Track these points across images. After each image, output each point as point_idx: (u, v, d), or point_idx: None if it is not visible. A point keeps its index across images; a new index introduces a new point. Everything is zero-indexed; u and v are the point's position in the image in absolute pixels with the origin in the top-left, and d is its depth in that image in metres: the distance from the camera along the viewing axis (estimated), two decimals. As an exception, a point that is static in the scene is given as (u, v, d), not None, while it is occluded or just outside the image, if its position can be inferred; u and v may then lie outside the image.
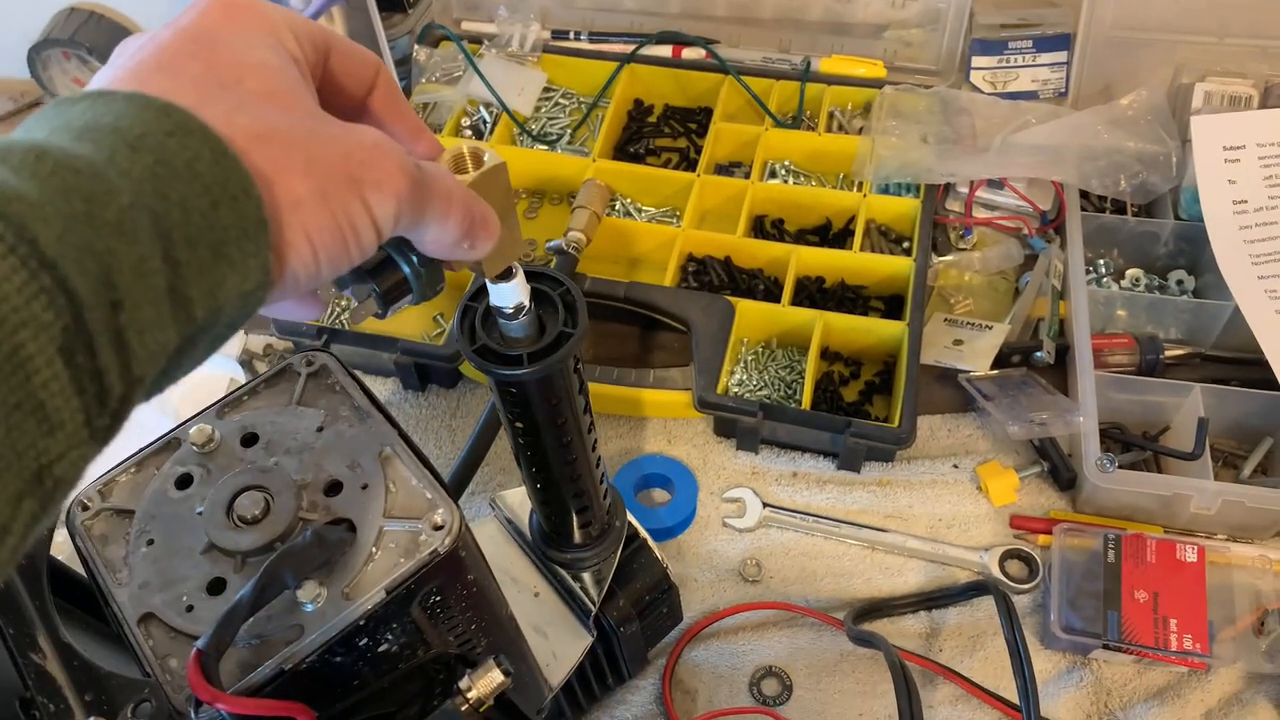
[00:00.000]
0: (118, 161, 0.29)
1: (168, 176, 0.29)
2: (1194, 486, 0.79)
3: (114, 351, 0.27)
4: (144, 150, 0.29)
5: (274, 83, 0.34)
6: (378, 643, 0.46)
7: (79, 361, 0.26)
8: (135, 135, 0.29)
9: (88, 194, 0.27)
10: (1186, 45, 1.01)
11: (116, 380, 0.28)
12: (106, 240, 0.27)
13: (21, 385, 0.25)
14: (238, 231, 0.30)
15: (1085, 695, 0.77)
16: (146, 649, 0.44)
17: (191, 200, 0.30)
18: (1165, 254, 0.99)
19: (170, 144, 0.30)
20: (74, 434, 0.27)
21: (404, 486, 0.47)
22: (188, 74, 0.32)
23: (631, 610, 0.70)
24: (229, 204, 0.30)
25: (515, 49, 1.14)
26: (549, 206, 1.08)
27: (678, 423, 0.93)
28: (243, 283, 0.31)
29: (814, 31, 1.14)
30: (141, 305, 0.28)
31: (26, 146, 0.28)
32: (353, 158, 0.34)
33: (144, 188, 0.29)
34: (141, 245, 0.28)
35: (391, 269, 0.41)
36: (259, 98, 0.33)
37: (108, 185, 0.28)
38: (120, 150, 0.29)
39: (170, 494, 0.48)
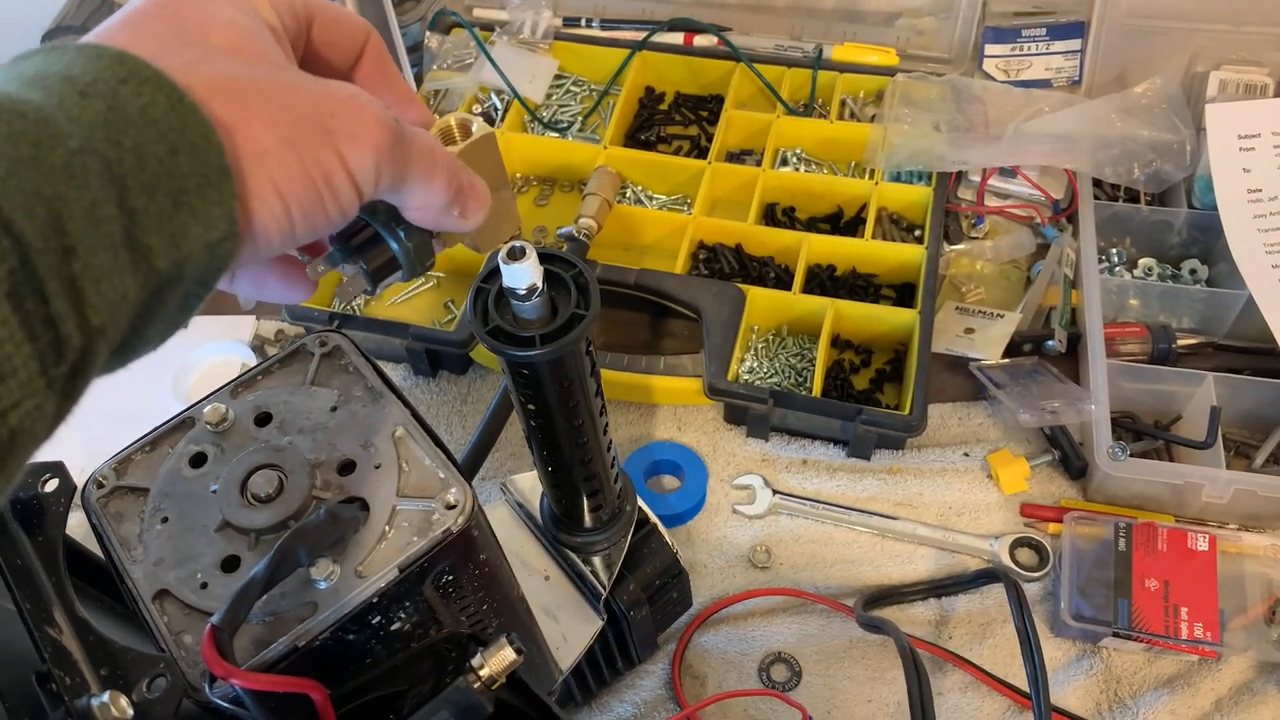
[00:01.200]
0: (67, 107, 0.28)
1: (120, 123, 0.29)
2: (1206, 475, 0.79)
3: (68, 299, 0.27)
4: (94, 96, 0.28)
5: (241, 39, 0.33)
6: (390, 621, 0.46)
7: (28, 307, 0.26)
8: (86, 82, 0.29)
9: (35, 138, 0.27)
10: (1202, 33, 1.01)
11: (74, 330, 0.27)
12: (55, 185, 0.27)
13: None
14: (198, 179, 0.30)
15: (1095, 683, 0.77)
16: (161, 625, 0.44)
17: (147, 147, 0.29)
18: (1178, 243, 0.99)
19: (123, 90, 0.29)
20: (27, 382, 0.26)
21: (417, 466, 0.47)
22: (151, 30, 0.32)
23: (641, 595, 0.70)
24: (188, 151, 0.29)
25: (527, 36, 1.14)
26: (560, 193, 1.08)
27: (688, 409, 0.93)
28: (207, 232, 0.30)
29: (826, 19, 1.13)
30: (96, 251, 0.27)
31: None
32: (323, 108, 0.33)
33: (95, 133, 0.28)
34: (92, 190, 0.27)
35: (379, 244, 0.40)
36: (224, 52, 0.32)
37: (55, 130, 0.27)
38: (70, 96, 0.28)
39: (184, 472, 0.48)
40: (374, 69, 0.40)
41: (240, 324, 0.99)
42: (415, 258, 0.41)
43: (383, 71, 0.41)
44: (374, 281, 0.41)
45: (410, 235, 0.40)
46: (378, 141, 0.34)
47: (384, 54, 0.41)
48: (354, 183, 0.34)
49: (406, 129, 0.36)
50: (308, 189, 0.32)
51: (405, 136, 0.36)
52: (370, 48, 0.40)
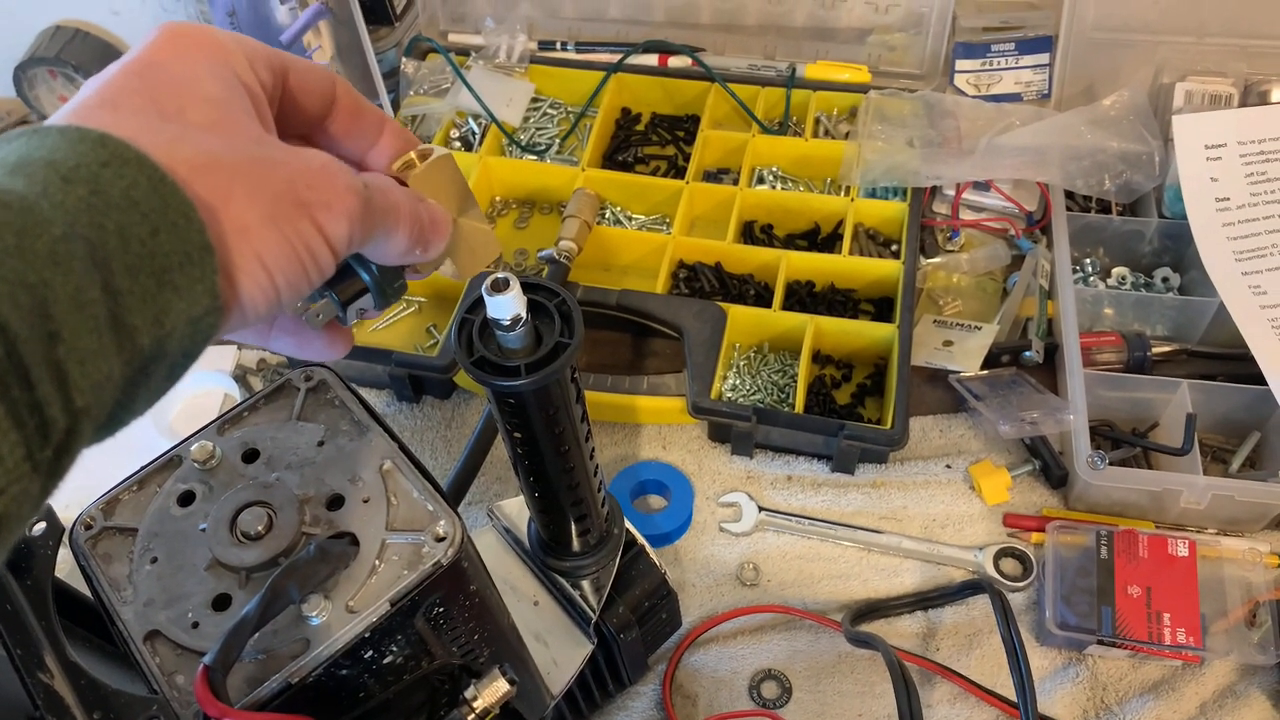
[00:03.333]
0: (50, 194, 0.28)
1: (103, 206, 0.29)
2: (1184, 482, 0.80)
3: (54, 383, 0.27)
4: (77, 181, 0.29)
5: (217, 113, 0.34)
6: (382, 654, 0.46)
7: (15, 395, 0.26)
8: (69, 167, 0.29)
9: (19, 227, 0.27)
10: (1167, 45, 1.03)
11: (59, 413, 0.27)
12: (40, 272, 0.27)
13: None
14: (181, 257, 0.30)
15: (1081, 691, 0.78)
16: (153, 666, 0.44)
17: (130, 229, 0.29)
18: (1150, 252, 1.00)
19: (105, 174, 0.30)
20: (14, 468, 0.26)
21: (405, 499, 0.48)
22: (129, 107, 0.32)
23: (631, 617, 0.70)
24: (169, 230, 0.30)
25: (502, 60, 1.15)
26: (539, 216, 1.09)
27: (672, 429, 0.93)
28: (190, 308, 0.31)
29: (798, 38, 1.15)
30: (80, 335, 0.28)
31: None
32: (299, 181, 0.34)
33: (78, 218, 0.29)
34: (77, 275, 0.28)
35: (350, 277, 0.42)
36: (201, 129, 0.33)
37: (39, 217, 0.28)
38: (53, 183, 0.29)
39: (173, 511, 0.48)
40: (348, 108, 0.42)
41: (222, 354, 0.99)
42: (386, 290, 0.42)
43: (356, 108, 0.42)
44: (345, 310, 0.42)
45: (382, 270, 0.42)
46: (350, 209, 0.35)
47: (353, 93, 0.42)
48: (330, 247, 0.35)
49: (373, 188, 0.37)
50: (290, 258, 0.34)
51: (373, 198, 0.37)
52: (340, 90, 0.42)
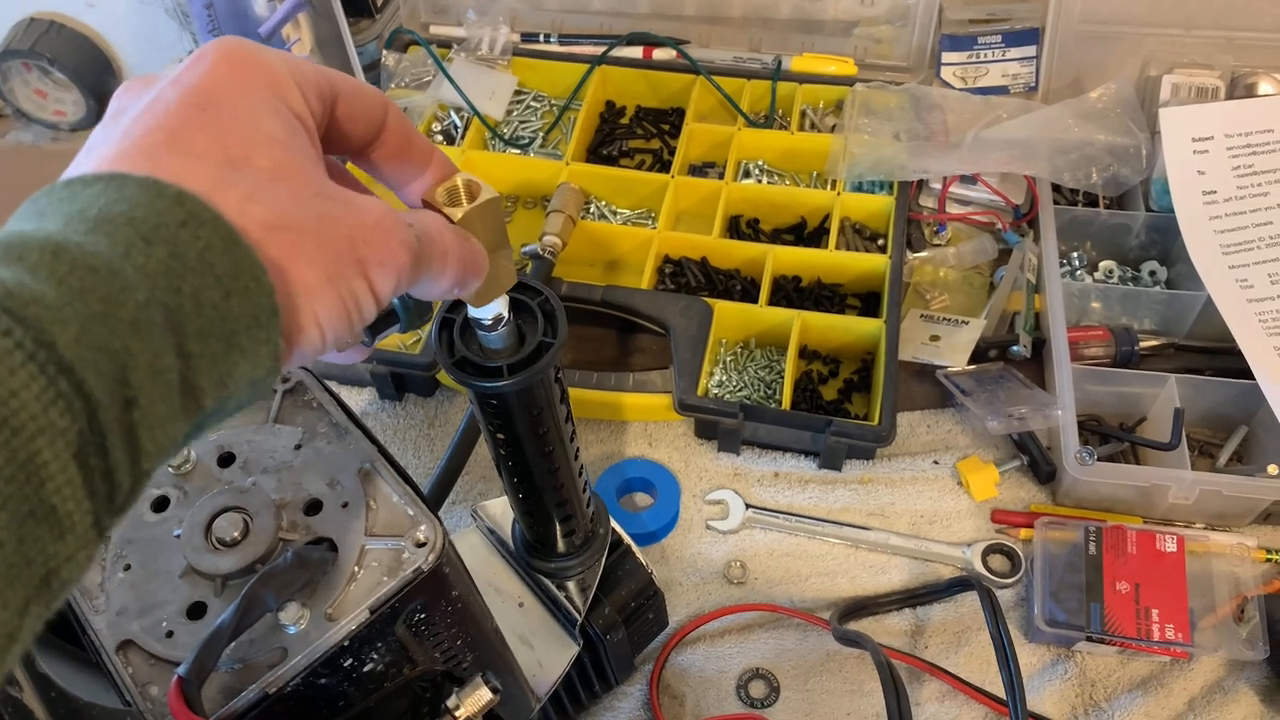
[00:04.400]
0: (133, 257, 0.28)
1: (180, 270, 0.29)
2: (1172, 476, 0.80)
3: (125, 450, 0.28)
4: (158, 243, 0.29)
5: (282, 158, 0.33)
6: (362, 663, 0.46)
7: (92, 464, 0.26)
8: (149, 227, 0.29)
9: (105, 294, 0.27)
10: (1153, 38, 1.02)
11: (125, 476, 0.28)
12: (123, 339, 0.27)
13: (35, 492, 0.25)
14: (249, 320, 0.30)
15: (1070, 687, 0.77)
16: (126, 677, 0.43)
17: (204, 292, 0.29)
18: (1137, 245, 1.00)
19: (183, 235, 0.29)
20: (83, 535, 0.27)
21: (385, 503, 0.47)
22: (197, 151, 0.32)
23: (617, 617, 0.69)
24: (240, 294, 0.30)
25: (485, 52, 1.13)
26: (523, 211, 1.08)
27: (658, 426, 0.92)
28: (253, 370, 0.31)
29: (784, 30, 1.14)
30: (155, 402, 0.28)
31: (42, 242, 0.27)
32: (357, 238, 0.34)
33: (158, 282, 0.29)
34: (156, 342, 0.28)
35: None
36: (269, 178, 0.33)
37: (123, 283, 0.28)
38: (135, 244, 0.29)
39: (146, 517, 0.47)
40: (397, 138, 0.41)
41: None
42: (415, 312, 0.42)
43: (406, 139, 0.41)
44: (373, 335, 0.42)
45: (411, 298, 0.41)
46: (401, 265, 0.35)
47: (404, 122, 0.41)
48: (376, 300, 0.35)
49: (424, 239, 0.37)
50: (341, 316, 0.34)
51: (423, 250, 0.37)
52: (391, 117, 0.40)
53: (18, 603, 0.25)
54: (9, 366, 0.25)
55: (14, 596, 0.25)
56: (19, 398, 0.25)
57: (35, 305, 0.26)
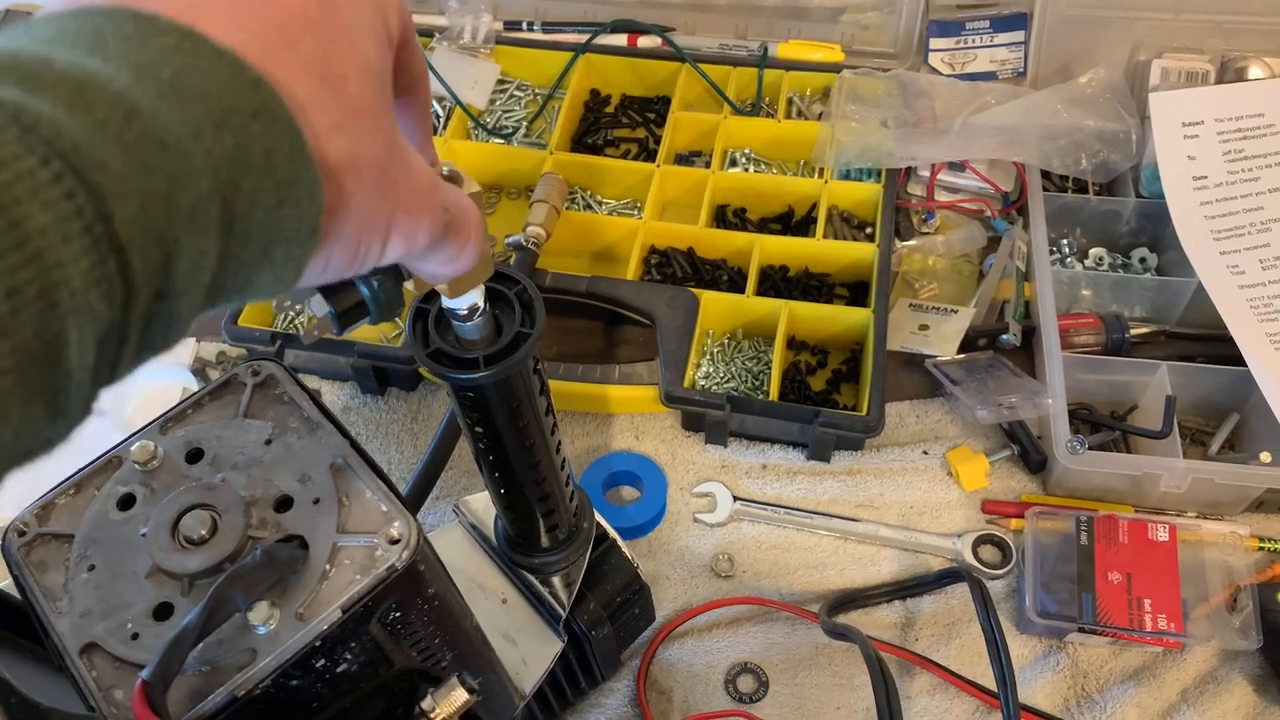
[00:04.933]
0: (203, 140, 0.26)
1: (245, 165, 0.27)
2: (1163, 465, 0.79)
3: (138, 342, 0.26)
4: (228, 130, 0.27)
5: (372, 91, 0.32)
6: (336, 663, 0.44)
7: (108, 352, 0.25)
8: (222, 110, 0.27)
9: (170, 174, 0.25)
10: (1143, 22, 1.01)
11: (126, 367, 0.26)
12: (177, 229, 0.25)
13: (48, 372, 0.23)
14: (291, 234, 0.29)
15: (1062, 679, 0.77)
16: (90, 681, 0.41)
17: (260, 195, 0.27)
18: (1128, 232, 0.99)
19: (254, 127, 0.27)
20: (73, 420, 0.25)
21: (358, 499, 0.45)
22: (302, 52, 0.29)
23: (603, 613, 0.68)
24: (293, 205, 0.28)
25: (467, 41, 1.12)
26: (507, 201, 1.06)
27: (645, 418, 0.91)
28: (274, 285, 0.29)
29: (770, 16, 1.12)
30: (182, 299, 0.26)
31: (115, 98, 0.25)
32: (399, 209, 0.33)
33: (221, 174, 0.26)
34: (206, 239, 0.26)
35: (350, 291, 0.39)
36: (355, 112, 0.31)
37: (189, 168, 0.25)
38: (206, 127, 0.26)
39: (112, 515, 0.46)
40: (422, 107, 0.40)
41: (179, 347, 0.96)
42: (385, 305, 0.40)
43: (424, 116, 0.40)
44: (342, 326, 0.40)
45: (383, 283, 0.39)
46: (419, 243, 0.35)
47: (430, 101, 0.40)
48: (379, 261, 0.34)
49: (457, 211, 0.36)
50: (347, 266, 0.33)
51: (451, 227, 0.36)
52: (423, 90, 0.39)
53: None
54: (64, 234, 0.23)
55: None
56: (65, 270, 0.23)
57: (101, 171, 0.24)
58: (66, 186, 0.23)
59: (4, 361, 0.22)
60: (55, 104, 0.24)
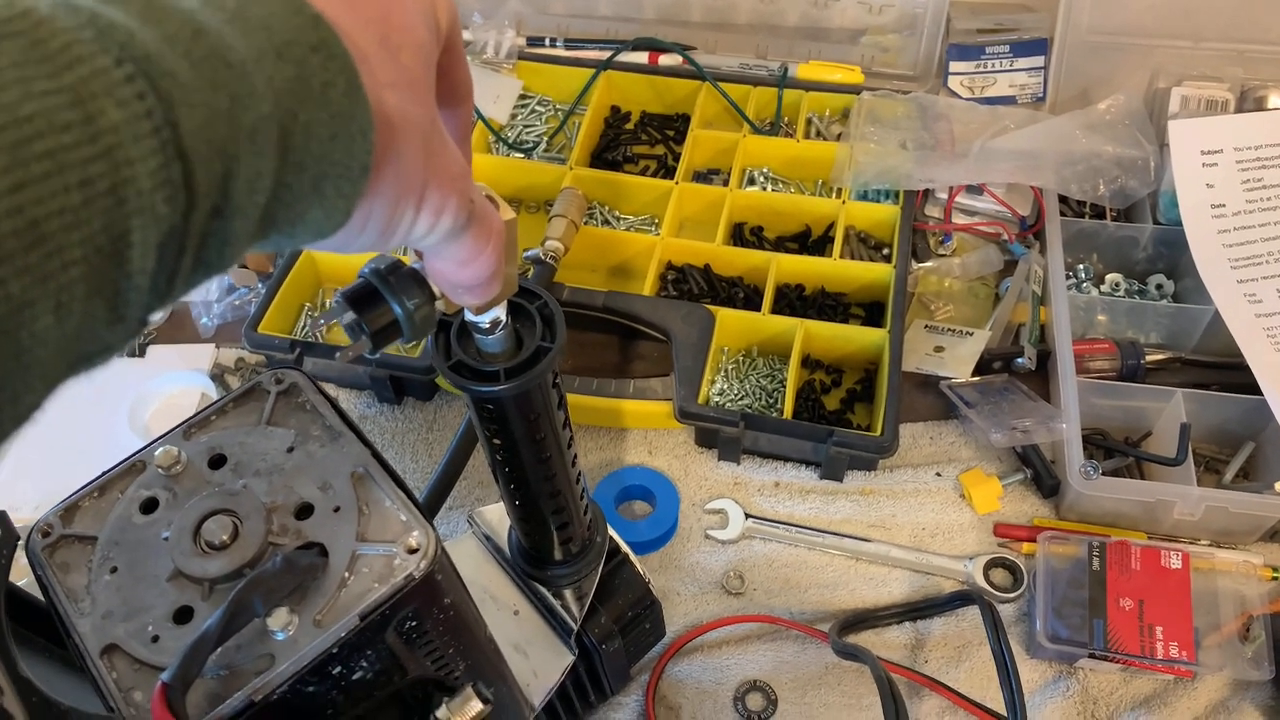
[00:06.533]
0: (264, 65, 0.27)
1: (302, 94, 0.28)
2: (1177, 492, 0.79)
3: (195, 256, 0.27)
4: (288, 60, 0.28)
5: (421, 66, 0.33)
6: (352, 670, 0.45)
7: (167, 260, 0.26)
8: (282, 41, 0.28)
9: (234, 92, 0.26)
10: (1163, 50, 1.02)
11: (181, 282, 0.27)
12: (238, 146, 0.26)
13: (111, 272, 0.24)
14: (343, 169, 0.29)
15: (1072, 705, 0.76)
16: (110, 682, 0.42)
17: (315, 126, 0.28)
18: (1145, 258, 0.99)
19: (313, 61, 0.28)
20: (130, 327, 0.26)
21: (377, 508, 0.46)
22: (364, 12, 0.31)
23: (613, 627, 0.68)
24: (346, 140, 0.29)
25: (490, 56, 1.13)
26: (526, 215, 1.07)
27: (659, 433, 0.91)
28: (324, 221, 0.30)
29: (791, 37, 1.13)
30: (237, 218, 0.27)
31: (185, 16, 0.26)
32: (432, 183, 0.34)
33: (281, 100, 0.27)
34: (264, 160, 0.27)
35: (382, 305, 0.40)
36: (408, 80, 0.32)
37: (252, 88, 0.26)
38: (268, 54, 0.27)
39: (135, 519, 0.46)
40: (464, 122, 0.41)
41: (199, 353, 0.97)
42: (418, 325, 0.41)
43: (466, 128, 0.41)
44: (376, 345, 0.41)
45: (416, 303, 0.40)
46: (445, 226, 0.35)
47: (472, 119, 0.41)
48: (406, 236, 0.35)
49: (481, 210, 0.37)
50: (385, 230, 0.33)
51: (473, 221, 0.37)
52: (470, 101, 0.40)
53: (52, 379, 0.24)
54: (135, 133, 0.24)
55: (53, 373, 0.24)
56: (134, 168, 0.24)
57: (170, 80, 0.24)
58: (139, 88, 0.24)
59: (73, 252, 0.23)
60: (128, 15, 0.25)
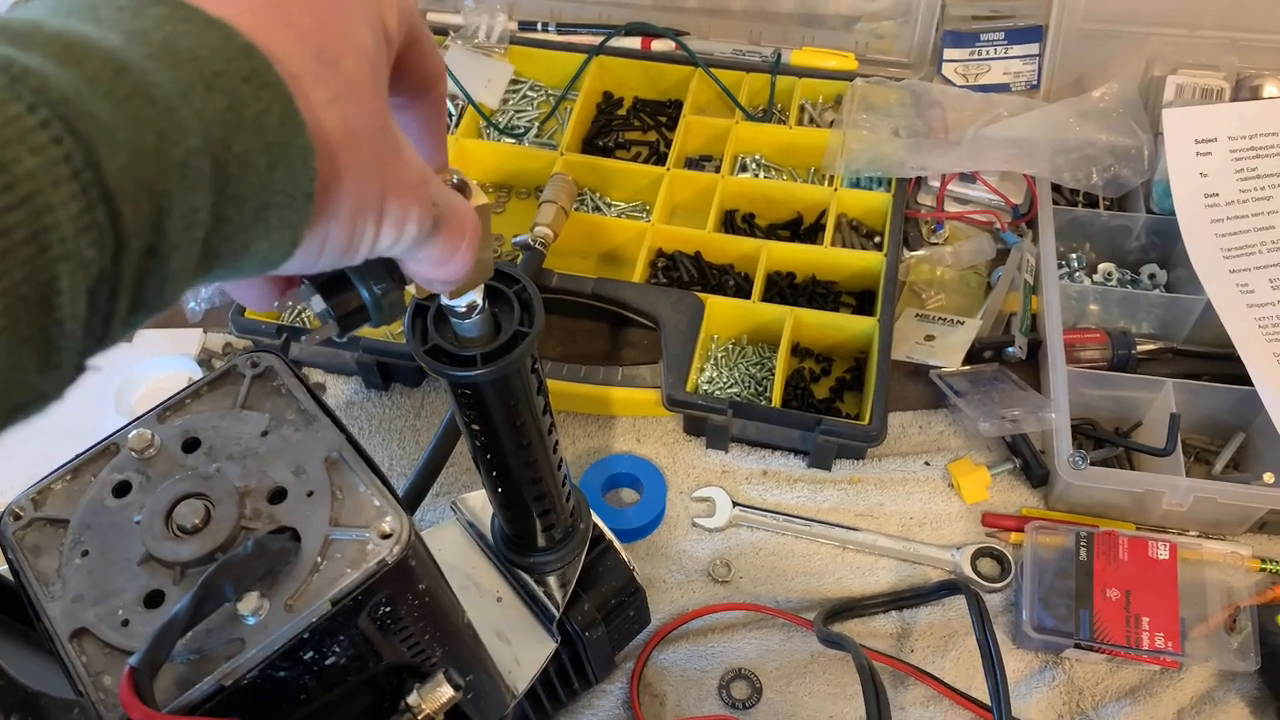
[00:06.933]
0: (192, 99, 0.26)
1: (236, 125, 0.27)
2: (1166, 483, 0.78)
3: (130, 297, 0.26)
4: (219, 91, 0.27)
5: (367, 73, 0.32)
6: (324, 656, 0.44)
7: (100, 304, 0.25)
8: (212, 72, 0.27)
9: (160, 129, 0.25)
10: (1158, 38, 1.01)
11: (119, 325, 0.26)
12: (168, 182, 0.25)
13: (39, 320, 0.23)
14: (285, 198, 0.29)
15: (1058, 695, 0.76)
16: (79, 666, 0.42)
17: (252, 156, 0.28)
18: (1137, 248, 0.98)
19: (245, 91, 0.28)
20: (65, 374, 0.25)
21: (351, 493, 0.45)
22: (297, 26, 0.30)
23: (597, 614, 0.68)
24: (286, 169, 0.28)
25: (482, 40, 1.12)
26: (516, 201, 1.06)
27: (647, 421, 0.91)
28: (270, 251, 0.30)
29: (785, 23, 1.12)
30: (175, 256, 0.26)
31: (106, 55, 0.25)
32: (390, 192, 0.33)
33: (212, 133, 0.27)
34: (198, 194, 0.26)
35: (351, 294, 0.39)
36: (350, 89, 0.31)
37: (179, 123, 0.26)
38: (196, 86, 0.27)
39: (107, 502, 0.46)
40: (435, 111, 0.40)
41: (186, 338, 0.96)
42: (386, 310, 0.40)
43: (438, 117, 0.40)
44: (343, 329, 0.40)
45: (384, 288, 0.39)
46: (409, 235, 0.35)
47: (444, 104, 0.40)
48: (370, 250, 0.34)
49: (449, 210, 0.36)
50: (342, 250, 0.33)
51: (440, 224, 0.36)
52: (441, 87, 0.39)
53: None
54: (53, 178, 0.23)
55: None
56: (55, 214, 0.23)
57: (89, 121, 0.24)
58: (54, 132, 0.23)
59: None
60: (45, 58, 0.24)
